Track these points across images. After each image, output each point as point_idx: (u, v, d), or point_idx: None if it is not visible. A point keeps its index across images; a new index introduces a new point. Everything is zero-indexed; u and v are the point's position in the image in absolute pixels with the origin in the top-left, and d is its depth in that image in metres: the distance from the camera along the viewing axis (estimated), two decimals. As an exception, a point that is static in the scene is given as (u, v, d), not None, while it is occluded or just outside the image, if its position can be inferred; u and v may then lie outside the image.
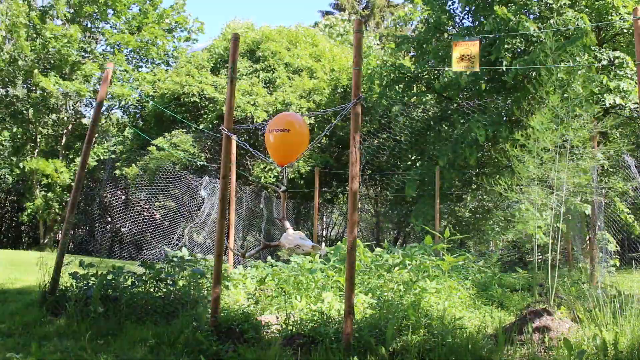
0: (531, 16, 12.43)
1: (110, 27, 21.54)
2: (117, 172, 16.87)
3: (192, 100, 16.83)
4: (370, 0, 35.59)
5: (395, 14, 34.13)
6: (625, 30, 12.58)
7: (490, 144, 13.65)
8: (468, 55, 7.56)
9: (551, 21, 11.31)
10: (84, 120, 21.74)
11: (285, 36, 18.72)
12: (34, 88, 20.07)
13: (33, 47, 18.91)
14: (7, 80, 19.80)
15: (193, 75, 17.30)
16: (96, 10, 20.56)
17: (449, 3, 14.31)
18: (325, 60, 18.43)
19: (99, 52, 21.58)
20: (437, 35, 14.52)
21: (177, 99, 17.30)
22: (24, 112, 20.24)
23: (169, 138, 16.18)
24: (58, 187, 19.10)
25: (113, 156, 19.55)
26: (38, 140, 20.65)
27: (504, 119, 12.72)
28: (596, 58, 10.89)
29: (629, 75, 11.08)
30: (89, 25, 21.54)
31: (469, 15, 14.32)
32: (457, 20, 14.64)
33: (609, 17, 11.78)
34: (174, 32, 22.98)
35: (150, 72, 21.46)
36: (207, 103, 16.90)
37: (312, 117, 16.04)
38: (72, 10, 20.54)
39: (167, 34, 22.33)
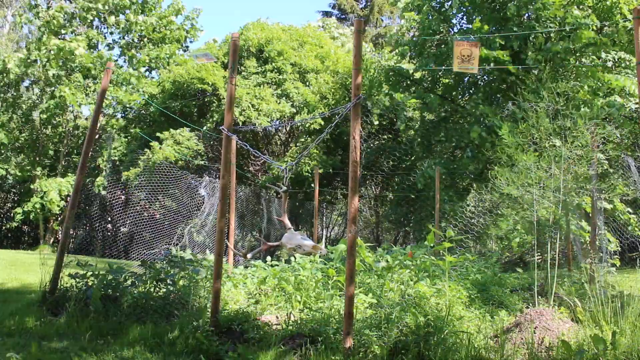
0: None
1: (124, 27, 21.27)
2: (123, 177, 16.80)
3: (202, 87, 16.61)
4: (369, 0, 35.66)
5: (394, 14, 34.19)
6: (627, 30, 12.56)
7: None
8: (468, 55, 7.60)
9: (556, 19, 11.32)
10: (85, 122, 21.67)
11: (293, 35, 18.67)
12: (43, 91, 19.98)
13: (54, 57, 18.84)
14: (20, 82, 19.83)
15: (207, 69, 17.21)
16: (106, 8, 20.32)
17: (443, 9, 14.24)
18: (330, 62, 18.41)
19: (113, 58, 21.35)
20: (435, 42, 14.42)
21: (184, 92, 17.13)
22: (34, 116, 20.23)
23: (173, 134, 16.05)
24: (55, 193, 19.00)
25: (114, 158, 19.48)
26: (43, 143, 20.63)
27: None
28: (600, 59, 10.90)
29: (630, 76, 11.08)
30: (101, 29, 21.40)
31: (464, 17, 14.33)
32: (454, 22, 14.63)
33: (612, 18, 11.78)
34: (182, 42, 22.73)
35: (154, 80, 21.34)
36: (215, 99, 16.81)
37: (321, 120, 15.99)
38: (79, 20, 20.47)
39: (179, 45, 22.10)
